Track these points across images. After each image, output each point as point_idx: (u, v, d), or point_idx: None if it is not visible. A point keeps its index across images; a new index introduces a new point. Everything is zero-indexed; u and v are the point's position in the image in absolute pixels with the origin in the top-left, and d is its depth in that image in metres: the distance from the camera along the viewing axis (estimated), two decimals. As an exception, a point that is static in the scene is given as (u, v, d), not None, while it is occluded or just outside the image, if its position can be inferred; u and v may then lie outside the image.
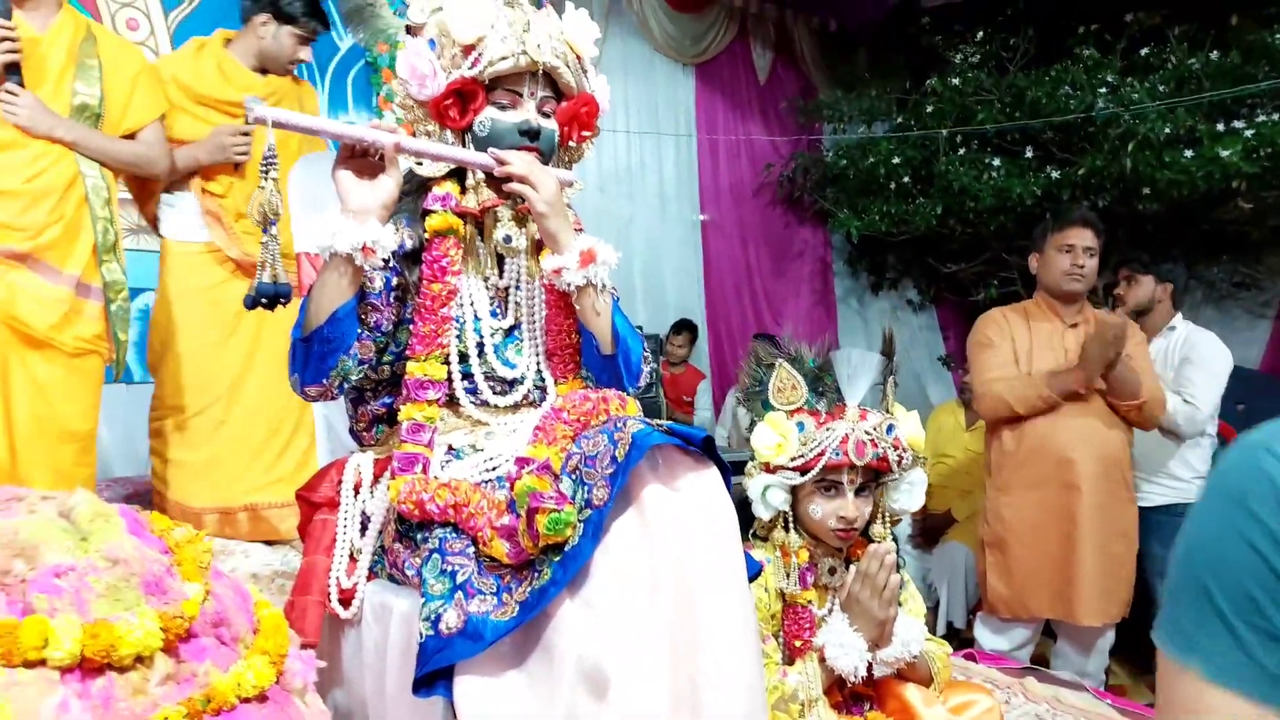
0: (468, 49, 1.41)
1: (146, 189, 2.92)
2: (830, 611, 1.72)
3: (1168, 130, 4.38)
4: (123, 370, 2.77)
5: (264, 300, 1.27)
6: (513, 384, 1.53)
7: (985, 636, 2.85)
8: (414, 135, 1.47)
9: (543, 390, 1.56)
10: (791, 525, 1.72)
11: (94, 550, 1.10)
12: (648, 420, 1.28)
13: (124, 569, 1.10)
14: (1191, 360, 3.03)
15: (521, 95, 1.46)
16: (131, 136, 2.70)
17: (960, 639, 3.59)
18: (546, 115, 1.49)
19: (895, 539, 1.77)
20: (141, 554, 1.13)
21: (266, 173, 1.24)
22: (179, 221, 2.95)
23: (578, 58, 1.50)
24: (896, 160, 5.35)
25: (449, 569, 1.25)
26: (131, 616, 1.06)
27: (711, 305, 5.95)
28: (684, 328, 5.47)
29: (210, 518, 2.91)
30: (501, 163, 1.41)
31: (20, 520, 1.08)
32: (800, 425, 1.68)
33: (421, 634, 1.19)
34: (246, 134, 2.87)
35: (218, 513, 2.94)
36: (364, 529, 1.46)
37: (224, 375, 2.94)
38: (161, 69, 2.93)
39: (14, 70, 2.41)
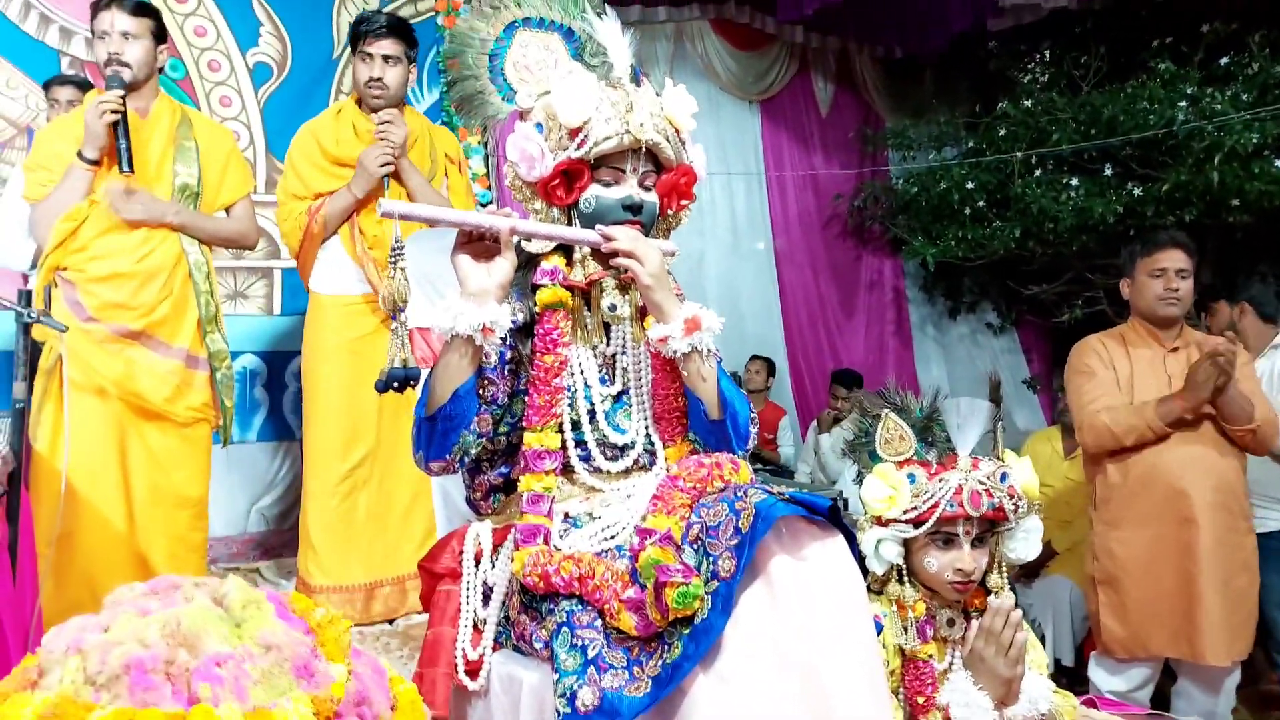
0: (574, 131, 1.46)
1: (310, 251, 3.03)
2: (950, 665, 1.69)
3: (1255, 139, 4.26)
4: (229, 436, 2.88)
5: (395, 384, 1.33)
6: (624, 449, 1.55)
7: (1101, 678, 2.75)
8: (512, 208, 1.52)
9: (652, 454, 1.58)
10: (906, 578, 1.70)
11: (248, 637, 1.14)
12: (768, 489, 1.29)
13: (277, 654, 1.14)
14: None
15: (624, 171, 1.51)
16: (221, 211, 2.83)
17: (1069, 676, 3.48)
18: (647, 188, 1.53)
19: (1014, 590, 1.74)
20: (290, 638, 1.18)
21: (395, 262, 1.30)
22: (326, 274, 3.02)
23: (676, 131, 1.54)
24: (970, 185, 5.29)
25: (579, 643, 1.27)
26: (286, 702, 1.10)
27: (790, 338, 5.94)
28: (757, 358, 5.48)
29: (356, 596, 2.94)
30: (608, 239, 1.45)
31: (181, 610, 1.14)
32: (911, 477, 1.66)
33: (559, 711, 1.21)
34: (383, 137, 2.87)
35: (363, 590, 2.96)
36: (486, 599, 1.50)
37: (368, 430, 2.98)
38: (304, 131, 3.06)
39: (127, 155, 2.54)
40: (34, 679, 1.11)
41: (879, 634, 1.54)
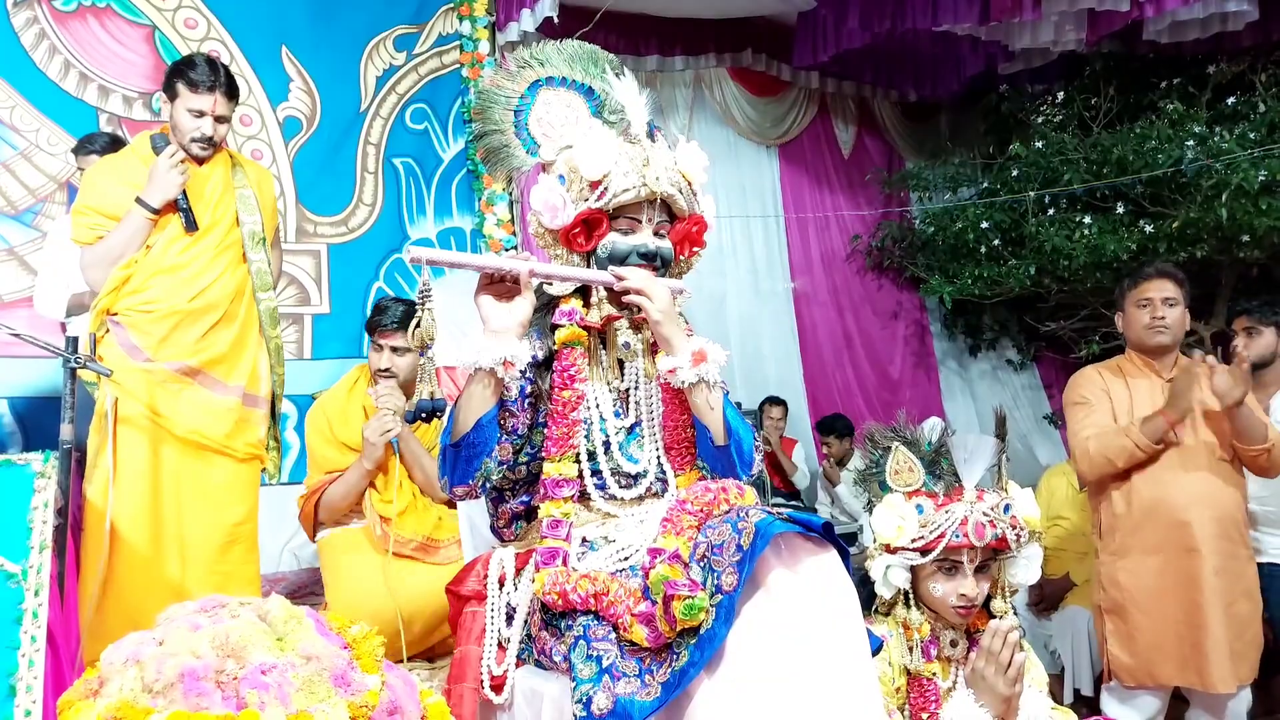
0: (594, 184, 1.58)
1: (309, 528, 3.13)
2: (955, 683, 1.76)
3: (1262, 177, 4.33)
4: (276, 474, 2.95)
5: (423, 415, 1.44)
6: (637, 478, 1.66)
7: (1113, 707, 2.76)
8: (535, 253, 1.64)
9: (664, 482, 1.68)
10: (912, 602, 1.77)
11: (290, 649, 1.25)
12: (768, 509, 1.38)
13: (316, 665, 1.24)
14: None
15: (640, 221, 1.63)
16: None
17: (1089, 706, 3.49)
18: (661, 236, 1.65)
19: (1015, 610, 1.81)
20: (329, 650, 1.28)
21: (423, 303, 1.43)
22: None
23: (689, 183, 1.66)
24: (985, 225, 5.38)
25: (595, 654, 1.36)
26: (326, 707, 1.20)
27: (810, 376, 5.99)
28: (777, 402, 5.52)
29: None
30: (620, 278, 1.57)
31: (229, 625, 1.24)
32: (919, 508, 1.74)
33: (575, 716, 1.30)
34: (383, 406, 2.90)
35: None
36: (510, 619, 1.59)
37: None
38: (317, 408, 3.17)
39: (191, 215, 2.61)
40: (95, 689, 1.22)
41: (880, 651, 1.62)
